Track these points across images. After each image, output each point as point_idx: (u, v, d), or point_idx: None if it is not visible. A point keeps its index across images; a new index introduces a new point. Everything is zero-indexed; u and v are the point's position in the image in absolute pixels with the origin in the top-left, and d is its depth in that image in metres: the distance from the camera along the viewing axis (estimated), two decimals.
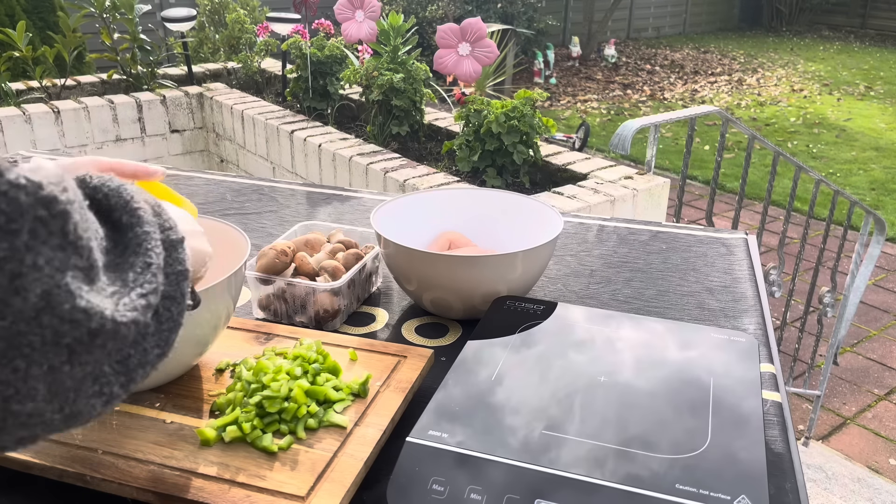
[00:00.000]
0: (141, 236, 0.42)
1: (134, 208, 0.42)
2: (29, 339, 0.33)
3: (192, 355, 0.67)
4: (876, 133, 6.13)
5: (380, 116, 2.82)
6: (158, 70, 3.65)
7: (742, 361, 0.67)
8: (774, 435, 0.66)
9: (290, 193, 1.23)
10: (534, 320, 0.74)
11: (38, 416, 0.35)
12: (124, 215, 0.42)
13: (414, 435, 0.57)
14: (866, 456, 2.52)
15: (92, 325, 0.35)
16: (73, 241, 0.35)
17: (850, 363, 3.05)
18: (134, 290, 0.39)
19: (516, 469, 0.54)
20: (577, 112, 6.50)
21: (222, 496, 0.54)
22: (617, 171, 2.46)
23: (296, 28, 3.18)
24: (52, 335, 0.34)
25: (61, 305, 0.34)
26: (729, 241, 1.06)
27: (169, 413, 0.64)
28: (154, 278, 0.41)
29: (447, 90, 3.18)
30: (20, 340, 0.33)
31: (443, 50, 2.29)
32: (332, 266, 0.82)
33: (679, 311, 0.87)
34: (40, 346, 0.34)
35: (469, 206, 0.95)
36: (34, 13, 3.90)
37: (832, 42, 10.23)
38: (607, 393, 0.62)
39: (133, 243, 0.41)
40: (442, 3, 6.73)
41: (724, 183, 4.82)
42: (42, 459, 0.58)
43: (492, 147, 2.37)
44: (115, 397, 0.40)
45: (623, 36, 9.94)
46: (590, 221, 1.14)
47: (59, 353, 0.35)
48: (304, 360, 0.66)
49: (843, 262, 3.39)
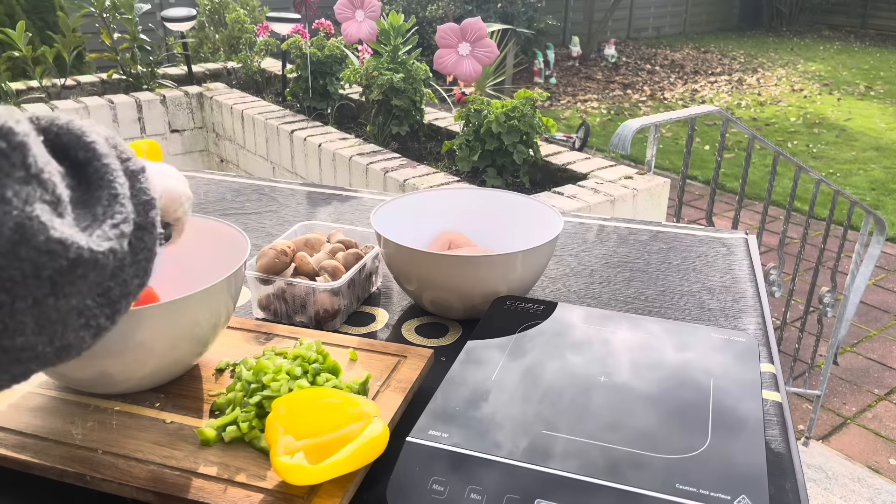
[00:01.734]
0: (101, 169, 0.41)
1: (88, 142, 0.42)
2: (10, 274, 0.33)
3: (192, 355, 0.67)
4: (876, 133, 6.13)
5: (380, 116, 2.82)
6: (158, 70, 3.65)
7: (742, 361, 0.67)
8: (774, 435, 0.66)
9: (290, 193, 1.23)
10: (534, 320, 0.74)
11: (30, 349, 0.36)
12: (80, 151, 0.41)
13: (414, 435, 0.57)
14: (866, 456, 2.52)
15: (70, 255, 0.35)
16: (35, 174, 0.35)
17: (851, 363, 3.05)
18: (105, 221, 0.39)
19: (516, 469, 0.54)
20: (577, 112, 6.50)
21: (222, 496, 0.54)
22: (617, 170, 2.46)
23: (296, 28, 3.18)
24: (32, 268, 0.34)
25: (36, 237, 0.34)
26: (729, 240, 1.06)
27: (169, 413, 0.64)
28: (123, 208, 0.40)
29: (447, 90, 3.17)
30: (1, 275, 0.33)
31: (443, 50, 2.29)
32: (332, 266, 0.82)
33: (679, 311, 0.87)
34: (21, 279, 0.34)
35: (469, 206, 0.95)
36: (34, 13, 3.90)
37: (832, 42, 10.23)
38: (607, 393, 0.62)
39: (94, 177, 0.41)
40: (442, 3, 6.73)
41: (724, 183, 4.82)
42: (42, 459, 0.58)
43: (492, 147, 2.37)
44: (103, 329, 0.40)
45: (623, 36, 9.93)
46: (590, 221, 1.14)
47: (42, 286, 0.35)
48: (304, 360, 0.66)
49: (843, 262, 3.39)
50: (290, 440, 0.55)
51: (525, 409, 0.60)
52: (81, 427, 0.61)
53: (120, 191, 0.41)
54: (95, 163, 0.41)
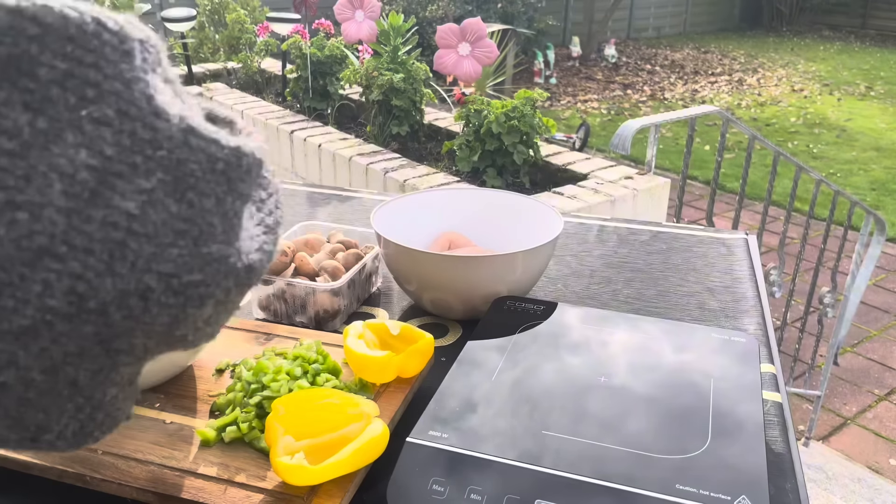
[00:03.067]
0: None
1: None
2: (190, 168, 0.32)
3: (191, 353, 0.67)
4: (876, 133, 6.13)
5: (380, 116, 2.82)
6: None
7: (742, 362, 0.67)
8: (775, 435, 0.66)
9: (290, 193, 1.23)
10: (534, 321, 0.74)
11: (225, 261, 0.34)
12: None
13: (414, 435, 0.57)
14: (867, 456, 2.52)
15: (232, 145, 0.34)
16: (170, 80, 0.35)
17: (851, 363, 3.05)
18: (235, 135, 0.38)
19: (516, 469, 0.54)
20: (578, 112, 6.50)
21: (222, 496, 0.54)
22: (617, 171, 2.46)
23: (296, 28, 3.18)
24: (207, 159, 0.33)
25: (199, 127, 0.33)
26: (729, 241, 1.06)
27: (169, 413, 0.64)
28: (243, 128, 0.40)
29: (447, 90, 3.18)
30: (183, 169, 0.32)
31: (443, 50, 2.29)
32: (332, 266, 0.82)
33: (679, 311, 0.87)
34: (201, 173, 0.33)
35: (469, 206, 0.95)
36: None
37: (832, 42, 10.23)
38: (607, 393, 0.62)
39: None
40: (442, 3, 6.73)
41: (725, 183, 4.82)
42: (42, 459, 0.58)
43: (492, 147, 2.37)
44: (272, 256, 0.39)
45: (623, 36, 9.94)
46: (590, 222, 1.14)
47: (220, 181, 0.34)
48: (304, 360, 0.66)
49: (843, 263, 3.39)
50: (290, 440, 0.55)
51: (525, 409, 0.60)
52: None
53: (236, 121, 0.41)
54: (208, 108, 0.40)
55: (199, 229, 0.33)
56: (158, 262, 0.31)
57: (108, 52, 0.31)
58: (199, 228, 0.33)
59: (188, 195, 0.32)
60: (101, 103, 0.30)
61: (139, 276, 0.31)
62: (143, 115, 0.31)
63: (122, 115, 0.31)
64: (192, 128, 0.33)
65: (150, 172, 0.31)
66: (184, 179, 0.32)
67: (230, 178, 0.34)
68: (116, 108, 0.31)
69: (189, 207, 0.32)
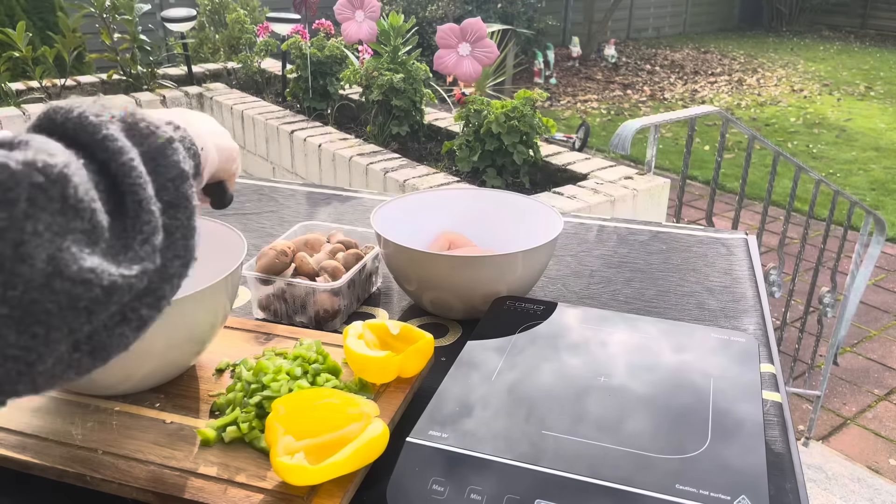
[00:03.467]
0: (120, 170, 0.39)
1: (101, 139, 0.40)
2: (45, 307, 0.33)
3: (190, 354, 0.67)
4: (876, 133, 6.13)
5: (380, 116, 2.82)
6: (158, 70, 3.65)
7: (742, 362, 0.67)
8: (774, 435, 0.66)
9: (290, 193, 1.23)
10: (534, 321, 0.74)
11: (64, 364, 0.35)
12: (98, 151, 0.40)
13: (414, 435, 0.57)
14: (866, 456, 2.52)
15: (104, 284, 0.35)
16: (73, 204, 0.35)
17: (851, 363, 3.05)
18: (135, 237, 0.38)
19: (516, 469, 0.54)
20: (577, 112, 6.50)
21: (222, 496, 0.54)
22: (617, 171, 2.46)
23: (296, 28, 3.18)
24: (68, 300, 0.34)
25: (69, 268, 0.34)
26: (729, 241, 1.06)
27: (169, 413, 0.64)
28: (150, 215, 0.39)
29: (447, 90, 3.17)
30: (35, 308, 0.33)
31: (443, 50, 2.29)
32: (332, 266, 0.82)
33: (679, 311, 0.87)
34: (57, 311, 0.34)
35: (469, 206, 0.95)
36: (34, 13, 3.90)
37: (832, 42, 10.23)
38: (607, 393, 0.62)
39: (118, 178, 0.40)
40: (442, 3, 6.73)
41: (724, 183, 4.82)
42: (42, 459, 0.58)
43: (492, 147, 2.37)
44: (148, 320, 0.39)
45: (623, 36, 9.93)
46: (590, 222, 1.14)
47: (78, 316, 0.35)
48: (304, 360, 0.66)
49: (843, 263, 3.39)
50: (290, 440, 0.55)
51: (525, 409, 0.60)
52: (81, 427, 0.61)
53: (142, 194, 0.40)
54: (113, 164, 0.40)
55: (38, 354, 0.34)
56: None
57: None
58: (37, 354, 0.34)
59: (33, 328, 0.33)
60: None
61: None
62: (3, 259, 0.32)
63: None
64: (59, 270, 0.33)
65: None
66: (34, 315, 0.33)
67: (93, 312, 0.35)
68: None
69: (31, 338, 0.33)
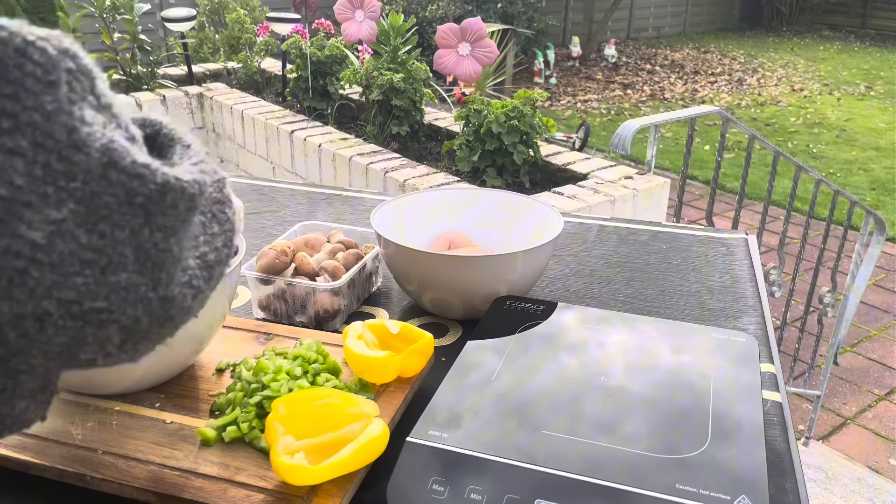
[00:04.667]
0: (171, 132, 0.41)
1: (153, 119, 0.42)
2: (105, 200, 0.32)
3: (189, 353, 0.67)
4: (876, 133, 6.13)
5: (380, 116, 2.82)
6: (158, 70, 3.66)
7: (742, 361, 0.67)
8: (774, 435, 0.66)
9: (290, 193, 1.23)
10: (534, 320, 0.74)
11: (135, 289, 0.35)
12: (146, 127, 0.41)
13: (414, 435, 0.57)
14: (866, 456, 2.52)
15: (157, 180, 0.34)
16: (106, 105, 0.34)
17: (851, 363, 3.05)
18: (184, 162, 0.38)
19: (516, 469, 0.54)
20: (577, 112, 6.50)
21: (222, 496, 0.54)
22: (617, 171, 2.46)
23: (296, 28, 3.18)
24: (125, 193, 0.33)
25: (123, 160, 0.33)
26: (729, 241, 1.06)
27: (169, 413, 0.64)
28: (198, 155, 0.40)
29: (447, 90, 3.18)
30: (97, 202, 0.32)
31: (443, 50, 2.29)
32: (332, 266, 0.82)
33: (679, 311, 0.87)
34: (117, 207, 0.33)
35: (469, 206, 0.95)
36: (34, 13, 3.90)
37: (832, 42, 10.23)
38: (607, 393, 0.62)
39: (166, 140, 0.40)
40: (442, 3, 6.73)
41: (725, 183, 4.82)
42: (42, 459, 0.58)
43: (492, 147, 2.37)
44: (202, 292, 0.39)
45: (623, 36, 9.93)
46: (590, 221, 1.14)
47: (136, 214, 0.34)
48: (304, 360, 0.66)
49: (843, 262, 3.39)
50: (290, 440, 0.55)
51: (525, 409, 0.60)
52: (81, 427, 0.61)
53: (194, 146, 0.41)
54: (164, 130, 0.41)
55: (109, 259, 0.33)
56: (60, 290, 0.32)
57: (29, 83, 0.31)
58: (107, 258, 0.33)
59: (100, 226, 0.33)
60: (17, 134, 0.30)
61: (37, 302, 0.32)
62: (60, 147, 0.31)
63: (36, 147, 0.31)
64: (114, 161, 0.33)
65: (61, 203, 0.31)
66: (97, 211, 0.32)
67: (149, 212, 0.34)
68: (32, 139, 0.31)
69: (100, 238, 0.33)
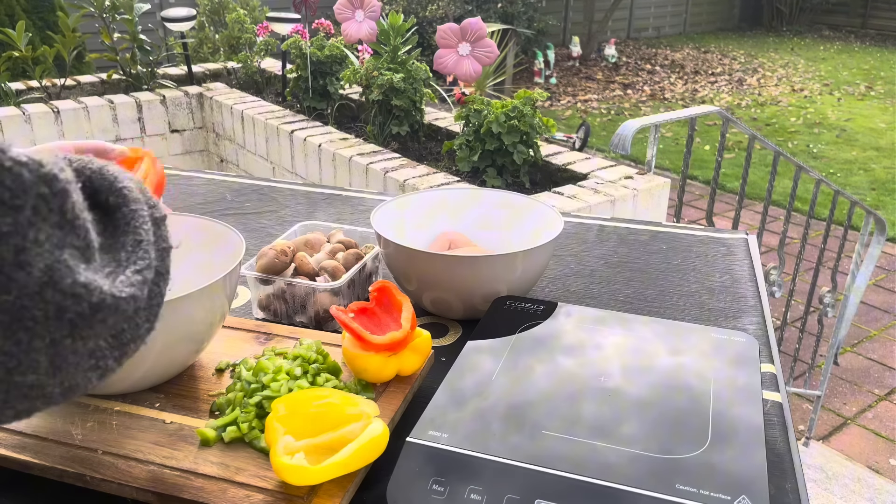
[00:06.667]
0: (129, 215, 0.42)
1: (120, 188, 0.43)
2: (32, 314, 0.34)
3: (189, 353, 0.67)
4: (876, 133, 6.12)
5: (380, 116, 2.82)
6: (158, 70, 3.66)
7: (742, 362, 0.67)
8: (775, 435, 0.66)
9: (290, 193, 1.23)
10: (534, 320, 0.74)
11: (39, 388, 0.36)
12: (111, 196, 0.42)
13: (414, 435, 0.57)
14: (866, 456, 2.52)
15: (93, 300, 0.36)
16: (70, 219, 0.36)
17: (851, 363, 3.05)
18: (128, 267, 0.40)
19: (516, 469, 0.54)
20: (578, 112, 6.50)
21: (222, 496, 0.54)
22: (617, 171, 2.46)
23: (296, 28, 3.18)
24: (55, 310, 0.35)
25: (63, 280, 0.35)
26: (729, 241, 1.06)
27: (169, 413, 0.64)
28: (147, 255, 0.41)
29: (447, 90, 3.17)
30: (24, 314, 0.34)
31: (443, 50, 2.29)
32: (332, 266, 0.82)
33: (679, 311, 0.87)
34: (43, 320, 0.34)
35: (469, 206, 0.95)
36: (34, 13, 3.90)
37: (832, 42, 10.23)
38: (607, 393, 0.62)
39: (122, 222, 0.42)
40: (442, 3, 6.73)
41: (725, 183, 4.82)
42: (42, 459, 0.58)
43: (492, 147, 2.37)
44: (109, 370, 0.41)
45: (623, 36, 9.93)
46: (590, 222, 1.14)
47: (62, 328, 0.35)
48: (304, 360, 0.66)
49: (843, 262, 3.39)
50: (290, 440, 0.55)
51: (525, 409, 0.60)
52: (81, 427, 0.61)
53: (145, 237, 0.42)
54: (124, 208, 0.42)
55: (18, 362, 0.34)
56: None
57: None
58: (17, 361, 0.34)
59: (18, 335, 0.34)
60: None
61: None
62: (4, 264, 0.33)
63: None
64: (54, 281, 0.34)
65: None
66: (20, 321, 0.34)
67: (76, 326, 0.36)
68: None
69: (15, 345, 0.34)
